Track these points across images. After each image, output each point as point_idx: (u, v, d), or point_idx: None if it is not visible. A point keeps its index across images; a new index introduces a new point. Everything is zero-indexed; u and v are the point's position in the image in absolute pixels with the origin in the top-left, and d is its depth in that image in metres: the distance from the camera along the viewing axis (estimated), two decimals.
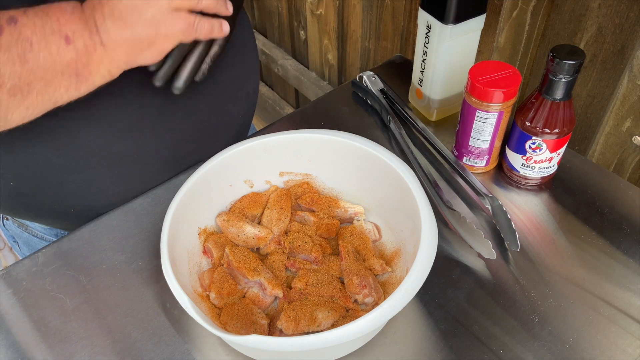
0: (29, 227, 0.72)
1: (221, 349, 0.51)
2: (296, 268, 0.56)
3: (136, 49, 0.47)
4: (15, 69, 0.42)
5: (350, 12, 1.24)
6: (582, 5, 0.74)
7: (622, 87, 0.74)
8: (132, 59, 0.47)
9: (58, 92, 0.46)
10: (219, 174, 0.58)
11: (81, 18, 0.45)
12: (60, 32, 0.44)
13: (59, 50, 0.44)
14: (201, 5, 0.48)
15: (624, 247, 0.58)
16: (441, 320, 0.52)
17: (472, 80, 0.59)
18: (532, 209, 0.63)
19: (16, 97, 0.44)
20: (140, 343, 0.52)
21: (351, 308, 0.52)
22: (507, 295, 0.54)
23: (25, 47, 0.42)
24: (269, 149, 0.59)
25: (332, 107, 0.78)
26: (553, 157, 0.62)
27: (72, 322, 0.54)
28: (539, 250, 0.58)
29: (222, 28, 0.50)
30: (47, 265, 0.58)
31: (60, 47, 0.44)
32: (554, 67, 0.55)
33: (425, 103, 0.74)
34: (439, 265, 0.56)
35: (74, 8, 0.45)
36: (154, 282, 0.57)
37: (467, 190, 0.65)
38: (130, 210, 0.64)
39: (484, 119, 0.61)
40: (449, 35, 0.64)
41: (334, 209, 0.60)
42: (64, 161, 0.58)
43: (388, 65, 0.85)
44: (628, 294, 0.54)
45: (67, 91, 0.46)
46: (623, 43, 0.72)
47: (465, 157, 0.66)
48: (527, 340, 0.50)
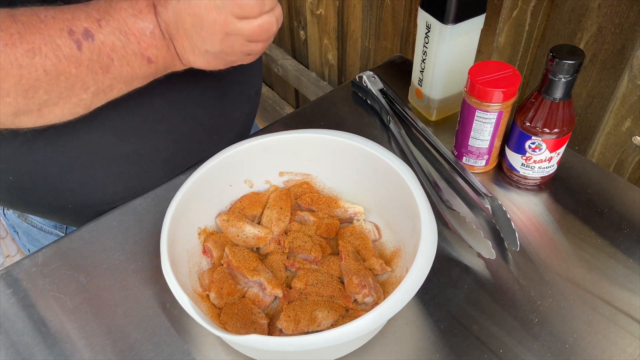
0: (28, 217, 0.73)
1: (221, 348, 0.51)
2: (296, 268, 0.56)
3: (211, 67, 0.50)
4: (98, 77, 0.45)
5: (350, 12, 1.24)
6: (582, 5, 0.74)
7: (622, 87, 0.74)
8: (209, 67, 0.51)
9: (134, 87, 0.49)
10: (219, 174, 0.58)
11: (163, 43, 0.47)
12: (142, 55, 0.47)
13: (140, 67, 0.47)
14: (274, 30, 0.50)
15: (623, 247, 0.58)
16: (441, 320, 0.52)
17: (472, 80, 0.59)
18: (531, 209, 0.63)
19: (99, 96, 0.47)
20: (140, 343, 0.52)
21: (351, 308, 0.52)
22: (506, 295, 0.54)
23: (107, 63, 0.45)
24: (269, 149, 0.59)
25: (332, 107, 0.78)
26: (553, 157, 0.62)
27: (72, 322, 0.54)
28: (538, 250, 0.58)
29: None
30: (47, 265, 0.59)
31: (142, 65, 0.47)
32: (553, 66, 0.55)
33: (425, 103, 0.74)
34: (438, 265, 0.56)
35: (153, 30, 0.46)
36: (154, 282, 0.57)
37: (467, 190, 0.65)
38: (130, 210, 0.64)
39: (483, 118, 0.61)
40: (448, 35, 0.64)
41: (334, 208, 0.61)
42: (63, 159, 0.58)
43: (388, 65, 0.85)
44: (628, 294, 0.54)
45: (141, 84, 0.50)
46: (623, 43, 0.72)
47: (465, 157, 0.66)
48: (526, 340, 0.50)
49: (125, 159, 0.61)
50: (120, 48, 0.45)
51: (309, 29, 1.43)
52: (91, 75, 0.45)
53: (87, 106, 0.48)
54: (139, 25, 0.45)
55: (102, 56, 0.44)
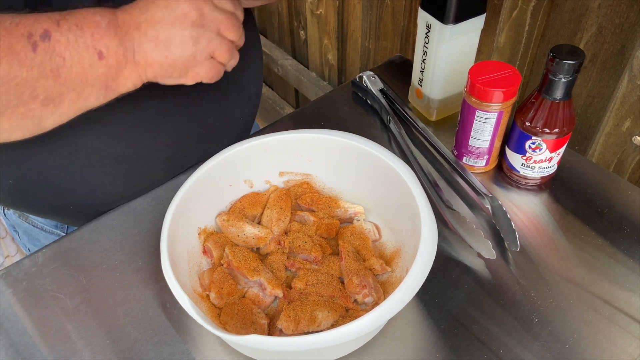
0: (29, 217, 0.73)
1: (221, 348, 0.51)
2: (296, 268, 0.56)
3: (164, 74, 0.49)
4: (49, 82, 0.44)
5: (350, 12, 1.24)
6: (582, 5, 0.74)
7: (622, 87, 0.74)
8: (158, 80, 0.49)
9: (88, 102, 0.48)
10: (219, 173, 0.58)
11: (116, 34, 0.46)
12: (94, 48, 0.45)
13: (91, 64, 0.45)
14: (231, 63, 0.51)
15: (623, 247, 0.58)
16: (441, 320, 0.52)
17: (472, 80, 0.59)
18: (531, 209, 0.63)
19: (49, 107, 0.45)
20: (140, 343, 0.52)
21: (351, 308, 0.52)
22: (507, 295, 0.54)
23: (59, 63, 0.44)
24: (269, 149, 0.59)
25: (332, 107, 0.78)
26: (553, 157, 0.62)
27: (72, 322, 0.54)
28: (538, 250, 0.58)
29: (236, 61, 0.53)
30: (47, 265, 0.58)
31: (93, 62, 0.45)
32: (553, 67, 0.55)
33: (425, 103, 0.74)
34: (438, 265, 0.56)
35: (109, 23, 0.46)
36: (154, 282, 0.57)
37: (467, 190, 0.65)
38: (130, 210, 0.64)
39: (483, 118, 0.61)
40: (449, 35, 0.64)
41: (334, 208, 0.60)
42: (61, 161, 0.58)
43: (388, 65, 0.85)
44: (628, 294, 0.54)
45: (96, 100, 0.48)
46: (623, 43, 0.72)
47: (465, 157, 0.66)
48: (526, 340, 0.50)
49: (125, 159, 0.61)
50: (73, 42, 0.44)
51: (309, 29, 1.43)
52: (42, 80, 0.43)
53: (37, 121, 0.46)
54: (96, 18, 0.45)
55: (54, 56, 0.43)
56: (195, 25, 0.47)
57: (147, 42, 0.46)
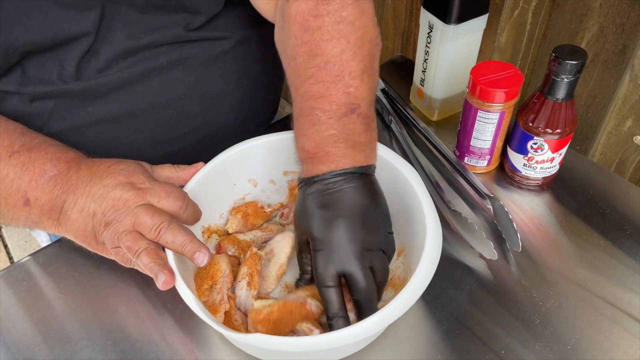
0: None
1: (223, 348, 0.51)
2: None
3: (83, 243, 0.49)
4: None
5: None
6: (583, 5, 0.74)
7: (624, 86, 0.74)
8: (78, 243, 0.50)
9: (19, 223, 0.49)
10: (223, 172, 0.57)
11: (54, 189, 0.47)
12: (24, 193, 0.46)
13: (15, 205, 0.47)
14: (161, 243, 0.47)
15: (625, 248, 0.58)
16: (443, 320, 0.52)
17: (474, 80, 0.59)
18: (533, 210, 0.63)
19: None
20: (140, 343, 0.52)
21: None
22: (508, 295, 0.54)
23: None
24: (273, 148, 0.59)
25: None
26: (555, 158, 0.62)
27: (72, 322, 0.53)
28: (540, 250, 0.58)
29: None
30: (47, 265, 0.58)
31: (18, 204, 0.47)
32: (556, 67, 0.54)
33: (426, 103, 0.74)
34: (440, 265, 0.56)
35: (56, 175, 0.47)
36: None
37: (469, 191, 0.65)
38: None
39: (485, 119, 0.61)
40: (451, 35, 0.64)
41: None
42: None
43: (389, 65, 0.85)
44: (630, 295, 0.54)
45: (24, 225, 0.50)
46: (624, 43, 0.72)
47: (467, 157, 0.66)
48: (528, 340, 0.50)
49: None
50: (10, 179, 0.46)
51: None
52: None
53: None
54: (47, 166, 0.46)
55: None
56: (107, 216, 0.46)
57: (74, 210, 0.47)
